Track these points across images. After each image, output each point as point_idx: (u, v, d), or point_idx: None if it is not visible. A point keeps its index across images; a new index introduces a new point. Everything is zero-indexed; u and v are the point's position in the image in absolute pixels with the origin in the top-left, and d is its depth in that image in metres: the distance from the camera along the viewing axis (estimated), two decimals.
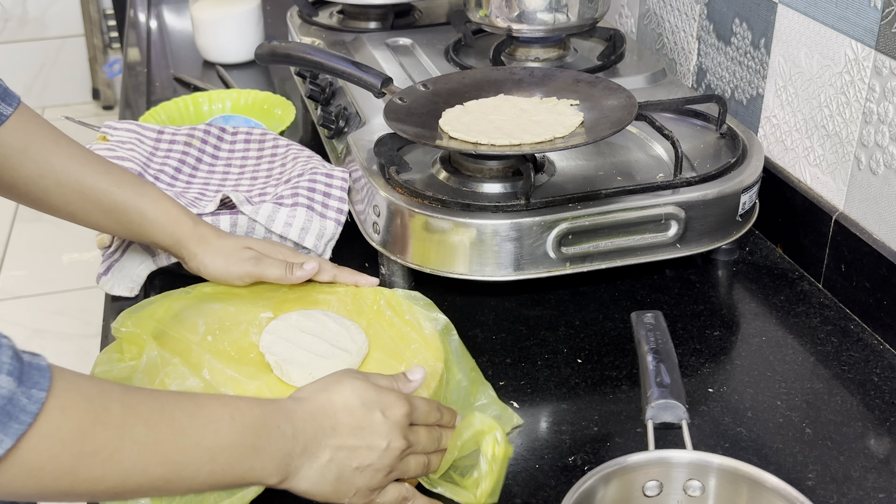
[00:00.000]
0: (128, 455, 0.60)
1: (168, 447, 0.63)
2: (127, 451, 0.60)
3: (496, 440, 0.80)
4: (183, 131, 1.31)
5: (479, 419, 0.81)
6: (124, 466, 0.60)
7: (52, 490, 0.59)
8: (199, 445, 0.64)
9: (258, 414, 0.69)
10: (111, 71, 3.80)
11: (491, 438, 0.80)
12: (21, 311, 2.74)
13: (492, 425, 0.80)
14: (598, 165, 1.14)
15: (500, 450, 0.80)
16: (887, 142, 1.03)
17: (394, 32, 1.53)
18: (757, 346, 1.03)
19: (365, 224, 1.13)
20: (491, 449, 0.79)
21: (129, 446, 0.60)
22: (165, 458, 0.62)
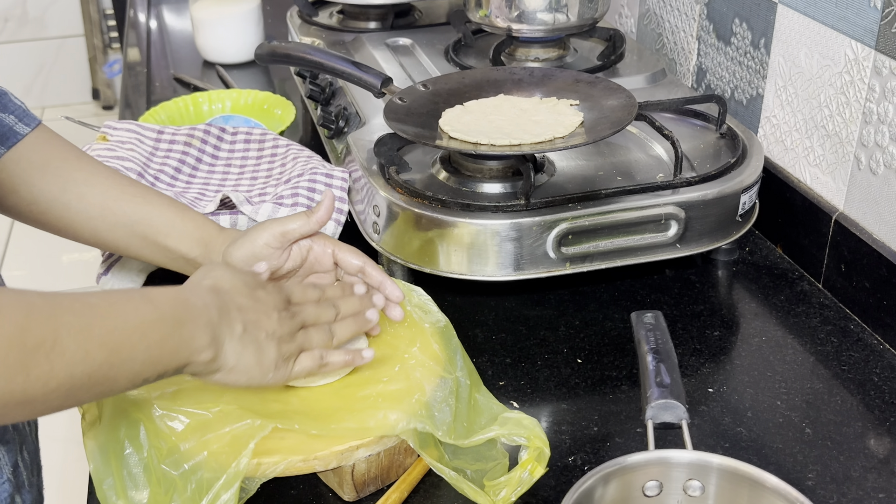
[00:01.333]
0: (67, 344, 0.63)
1: (99, 330, 0.66)
2: (64, 339, 0.63)
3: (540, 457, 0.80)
4: (183, 131, 1.31)
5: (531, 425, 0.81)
6: (67, 356, 0.63)
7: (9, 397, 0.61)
8: (127, 323, 0.68)
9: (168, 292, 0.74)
10: (111, 71, 3.80)
11: (536, 454, 0.80)
12: None
13: (543, 441, 0.80)
14: (598, 165, 1.14)
15: (539, 471, 0.80)
16: (887, 142, 1.03)
17: (394, 32, 1.53)
18: (757, 346, 1.03)
19: (365, 224, 1.13)
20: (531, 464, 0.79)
21: (65, 335, 0.63)
22: (101, 340, 0.65)
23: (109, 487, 0.79)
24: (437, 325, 0.94)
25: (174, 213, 0.93)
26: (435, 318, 0.95)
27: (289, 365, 0.80)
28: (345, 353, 0.84)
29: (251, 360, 0.76)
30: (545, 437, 0.81)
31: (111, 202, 0.91)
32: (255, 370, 0.77)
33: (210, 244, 0.92)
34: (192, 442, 0.79)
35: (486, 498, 0.79)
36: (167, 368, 0.71)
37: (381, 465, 0.84)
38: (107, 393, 0.68)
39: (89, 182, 0.91)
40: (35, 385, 0.62)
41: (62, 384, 0.63)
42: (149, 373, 0.70)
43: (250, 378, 0.77)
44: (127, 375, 0.68)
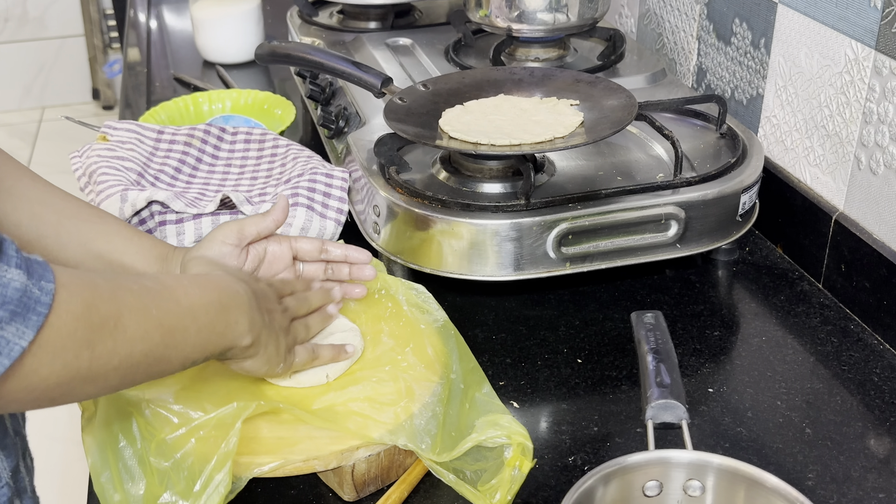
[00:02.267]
0: (128, 323, 0.66)
1: (156, 311, 0.69)
2: (126, 318, 0.66)
3: (524, 451, 0.80)
4: (183, 131, 1.31)
5: (509, 423, 0.81)
6: (128, 334, 0.66)
7: (75, 372, 0.63)
8: (179, 305, 0.72)
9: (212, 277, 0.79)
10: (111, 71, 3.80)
11: (519, 449, 0.80)
12: None
13: (523, 435, 0.80)
14: (598, 165, 1.14)
15: (527, 464, 0.80)
16: (887, 142, 1.03)
17: (394, 32, 1.53)
18: (757, 346, 1.03)
19: (365, 224, 1.13)
20: (517, 461, 0.79)
21: (126, 314, 0.66)
22: (158, 321, 0.69)
23: (107, 481, 0.79)
24: (435, 324, 0.94)
25: (129, 232, 0.91)
26: (433, 317, 0.95)
27: (290, 356, 0.84)
28: (333, 349, 0.88)
29: (273, 349, 0.81)
30: (524, 430, 0.81)
31: (65, 220, 0.89)
32: (276, 358, 0.82)
33: (167, 259, 0.91)
34: (179, 431, 0.79)
35: (484, 500, 0.79)
36: (213, 351, 0.75)
37: (381, 465, 0.84)
38: (160, 373, 0.71)
39: (43, 201, 0.89)
40: (99, 361, 0.64)
41: (123, 362, 0.66)
42: (198, 354, 0.74)
43: (270, 367, 0.82)
44: (179, 356, 0.72)
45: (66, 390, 0.63)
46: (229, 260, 0.90)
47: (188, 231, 1.11)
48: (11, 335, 0.57)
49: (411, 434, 0.81)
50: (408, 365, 0.89)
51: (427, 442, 0.80)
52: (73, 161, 1.23)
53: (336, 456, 0.80)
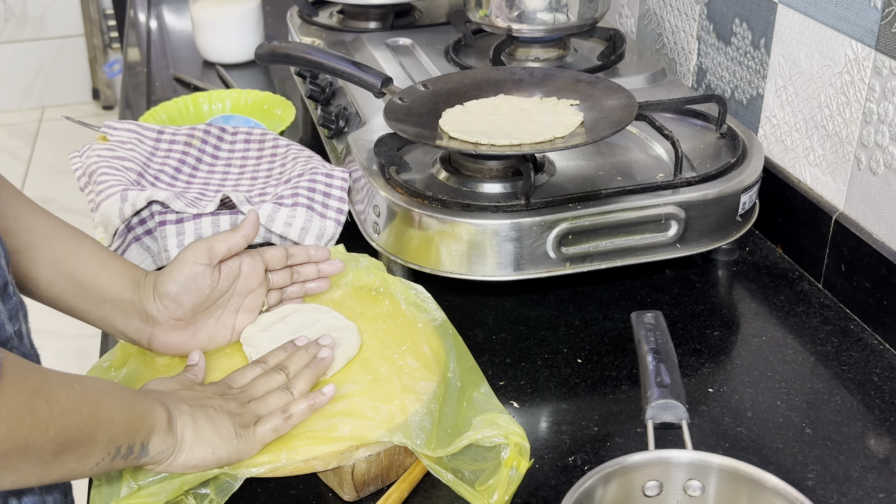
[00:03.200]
0: (59, 393, 0.67)
1: (79, 387, 0.69)
2: (55, 389, 0.66)
3: (521, 451, 0.80)
4: (183, 131, 1.31)
5: (506, 423, 0.81)
6: (61, 404, 0.66)
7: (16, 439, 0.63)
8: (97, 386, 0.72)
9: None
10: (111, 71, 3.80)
11: (516, 450, 0.80)
12: None
13: (520, 435, 0.80)
14: (598, 165, 1.14)
15: (524, 464, 0.80)
16: (887, 142, 1.03)
17: (394, 32, 1.53)
18: (757, 346, 1.03)
19: (365, 224, 1.13)
20: (515, 460, 0.79)
21: (55, 386, 0.67)
22: (84, 396, 0.69)
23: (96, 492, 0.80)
24: (433, 323, 0.94)
25: (104, 254, 0.90)
26: (431, 316, 0.95)
27: (250, 432, 0.80)
28: (306, 399, 0.83)
29: (208, 430, 0.77)
30: (521, 429, 0.81)
31: (40, 239, 0.87)
32: (217, 440, 0.78)
33: (140, 285, 0.89)
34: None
35: (482, 500, 0.79)
36: (136, 438, 0.73)
37: (381, 465, 0.84)
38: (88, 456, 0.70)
39: (18, 218, 0.87)
40: (38, 429, 0.64)
41: (58, 433, 0.66)
42: (122, 439, 0.72)
43: (216, 449, 0.77)
44: (106, 436, 0.70)
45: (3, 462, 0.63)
46: (201, 280, 0.89)
47: (188, 231, 1.11)
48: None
49: (406, 431, 0.81)
50: (404, 363, 0.89)
51: (422, 438, 0.80)
52: (73, 161, 1.23)
53: (336, 456, 0.80)
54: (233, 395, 0.82)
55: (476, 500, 0.79)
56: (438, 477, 0.80)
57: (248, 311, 0.94)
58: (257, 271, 0.93)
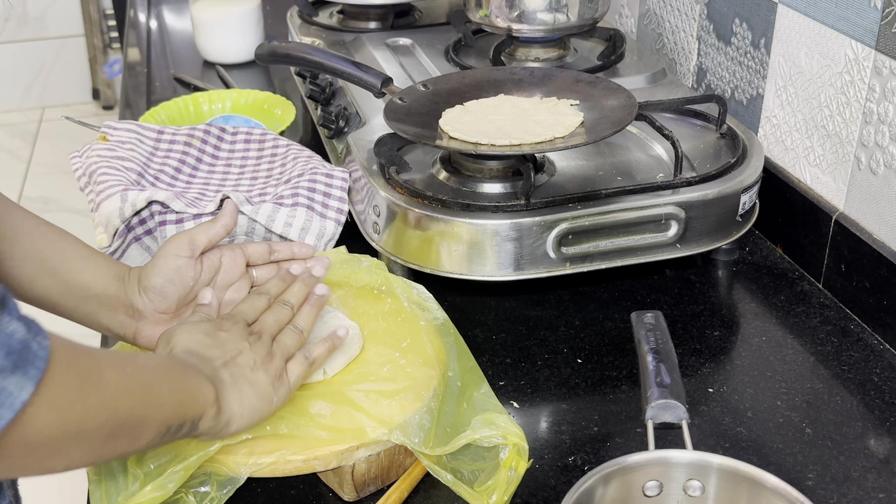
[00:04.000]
0: (110, 377, 0.66)
1: (131, 368, 0.69)
2: (106, 372, 0.66)
3: (520, 452, 0.80)
4: (183, 131, 1.31)
5: (505, 423, 0.81)
6: (112, 388, 0.66)
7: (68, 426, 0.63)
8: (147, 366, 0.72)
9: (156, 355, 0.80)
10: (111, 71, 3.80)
11: (515, 450, 0.80)
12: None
13: (518, 435, 0.80)
14: (598, 165, 1.14)
15: (522, 465, 0.80)
16: (887, 142, 1.03)
17: (394, 32, 1.53)
18: (757, 346, 1.03)
19: (365, 224, 1.13)
20: (513, 461, 0.79)
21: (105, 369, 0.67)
22: (135, 378, 0.69)
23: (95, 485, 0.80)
24: (434, 322, 0.94)
25: (86, 251, 0.90)
26: (433, 315, 0.95)
27: (283, 381, 0.81)
28: (325, 342, 0.86)
29: (252, 398, 0.79)
30: (520, 430, 0.81)
31: (22, 237, 0.87)
32: (261, 404, 0.79)
33: (124, 279, 0.89)
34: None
35: (481, 500, 0.79)
36: (186, 417, 0.73)
37: (381, 465, 0.84)
38: (139, 439, 0.70)
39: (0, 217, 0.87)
40: (89, 415, 0.64)
41: (109, 418, 0.66)
42: (173, 419, 0.72)
43: (261, 414, 0.79)
44: (157, 418, 0.70)
45: (56, 448, 0.63)
46: (185, 272, 0.89)
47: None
48: (14, 387, 0.57)
49: (405, 429, 0.81)
50: (406, 362, 0.89)
51: (420, 436, 0.80)
52: (73, 161, 1.23)
53: (336, 456, 0.80)
54: (256, 338, 0.82)
55: (475, 500, 0.79)
56: (437, 477, 0.80)
57: (230, 305, 0.93)
58: (238, 264, 0.93)
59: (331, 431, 0.82)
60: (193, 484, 0.79)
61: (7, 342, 0.57)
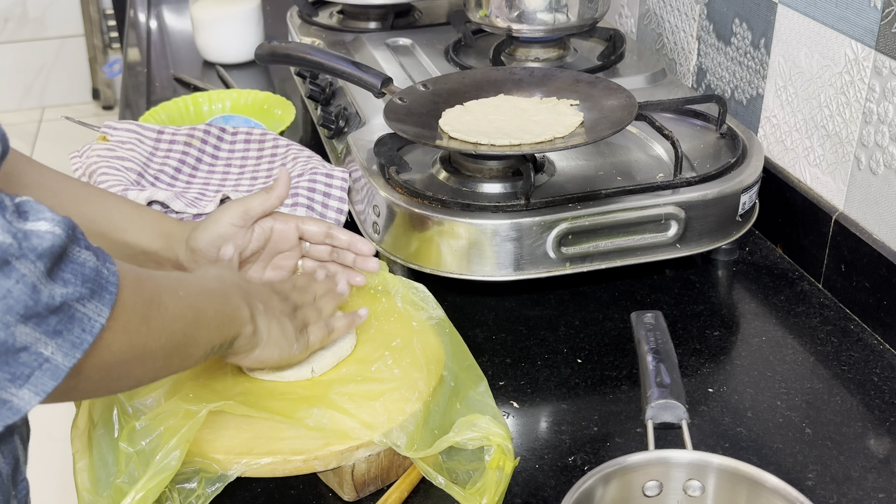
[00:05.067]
0: (167, 301, 0.69)
1: (183, 292, 0.72)
2: (164, 296, 0.69)
3: (505, 452, 0.79)
4: (183, 131, 1.31)
5: (487, 424, 0.80)
6: (170, 312, 0.69)
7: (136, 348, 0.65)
8: (195, 287, 0.75)
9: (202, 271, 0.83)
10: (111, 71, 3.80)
11: (499, 451, 0.79)
12: None
13: (501, 436, 0.80)
14: (598, 165, 1.14)
15: (509, 464, 0.80)
16: (887, 142, 1.03)
17: (394, 32, 1.53)
18: (757, 346, 1.03)
19: (365, 224, 1.13)
20: (498, 461, 0.79)
21: (164, 293, 0.69)
22: (187, 302, 0.72)
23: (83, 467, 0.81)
24: (430, 321, 0.94)
25: (130, 209, 0.93)
26: (428, 314, 0.95)
27: (304, 336, 0.85)
28: (346, 317, 0.89)
29: (278, 332, 0.82)
30: (504, 430, 0.81)
31: (66, 203, 0.90)
32: (284, 342, 0.83)
33: (171, 235, 0.92)
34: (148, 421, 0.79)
35: (473, 502, 0.79)
36: (226, 337, 0.77)
37: (381, 465, 0.84)
38: (190, 358, 0.73)
39: (41, 185, 0.89)
40: (153, 336, 0.66)
41: (168, 340, 0.68)
42: (217, 338, 0.75)
43: (281, 350, 0.83)
44: (205, 339, 0.74)
45: (125, 370, 0.66)
46: (234, 239, 0.91)
47: None
48: (92, 312, 0.60)
49: (388, 431, 0.80)
50: (393, 362, 0.89)
51: (403, 439, 0.80)
52: (73, 161, 1.23)
53: (336, 456, 0.80)
54: (283, 298, 0.86)
55: (467, 502, 0.79)
56: (430, 479, 0.80)
57: (277, 269, 0.97)
58: (289, 237, 0.95)
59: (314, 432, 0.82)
60: (179, 480, 0.78)
61: (81, 271, 0.59)
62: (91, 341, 0.59)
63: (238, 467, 0.78)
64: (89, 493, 0.79)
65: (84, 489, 0.79)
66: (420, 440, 0.81)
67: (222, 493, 0.83)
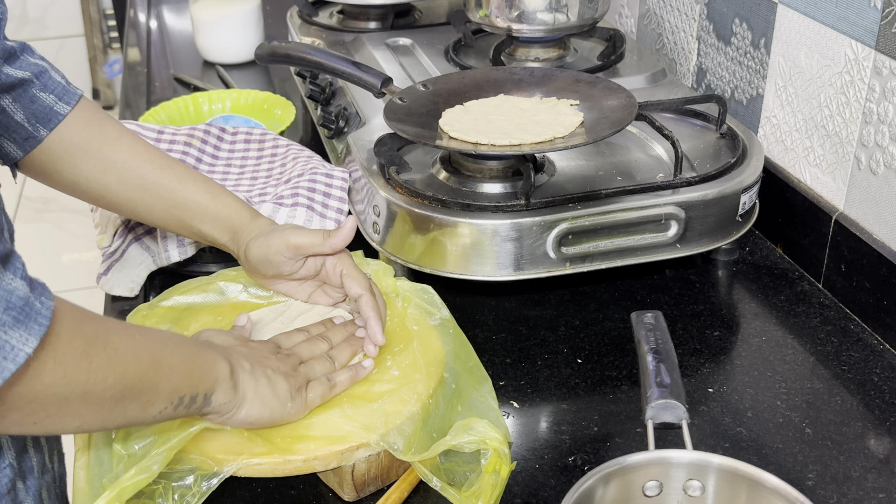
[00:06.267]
0: (118, 342, 0.68)
1: (140, 337, 0.71)
2: (114, 337, 0.68)
3: (501, 456, 0.79)
4: (183, 131, 1.31)
5: (483, 428, 0.80)
6: (120, 352, 0.67)
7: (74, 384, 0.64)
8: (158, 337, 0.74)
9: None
10: (111, 71, 3.80)
11: (495, 455, 0.79)
12: None
13: (498, 440, 0.79)
14: (598, 165, 1.14)
15: (505, 469, 0.79)
16: (887, 142, 1.03)
17: (394, 32, 1.53)
18: (757, 346, 1.03)
19: (365, 224, 1.13)
20: (495, 465, 0.79)
21: (114, 334, 0.68)
22: (143, 345, 0.70)
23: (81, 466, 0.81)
24: (432, 322, 0.94)
25: (209, 197, 0.96)
26: (432, 317, 0.95)
27: (302, 395, 0.83)
28: (348, 370, 0.87)
29: (267, 391, 0.80)
30: (500, 434, 0.80)
31: (149, 185, 0.94)
32: (274, 401, 0.80)
33: (238, 232, 0.95)
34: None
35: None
36: (199, 389, 0.75)
37: (381, 465, 0.84)
38: (150, 405, 0.71)
39: (128, 165, 0.94)
40: (96, 376, 0.65)
41: (118, 380, 0.67)
42: (185, 389, 0.73)
43: (272, 410, 0.80)
44: (168, 386, 0.72)
45: (64, 406, 0.65)
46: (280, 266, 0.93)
47: None
48: (16, 341, 0.59)
49: (385, 434, 0.80)
50: (392, 364, 0.89)
51: (400, 442, 0.80)
52: None
53: (336, 456, 0.80)
54: (284, 356, 0.86)
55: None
56: (426, 482, 0.80)
57: (323, 295, 0.97)
58: (334, 275, 0.95)
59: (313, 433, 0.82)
60: (175, 478, 0.78)
61: (7, 298, 0.59)
62: (13, 370, 0.59)
63: (233, 465, 0.78)
64: (84, 491, 0.79)
65: (79, 487, 0.79)
66: (418, 443, 0.81)
67: (222, 493, 0.83)
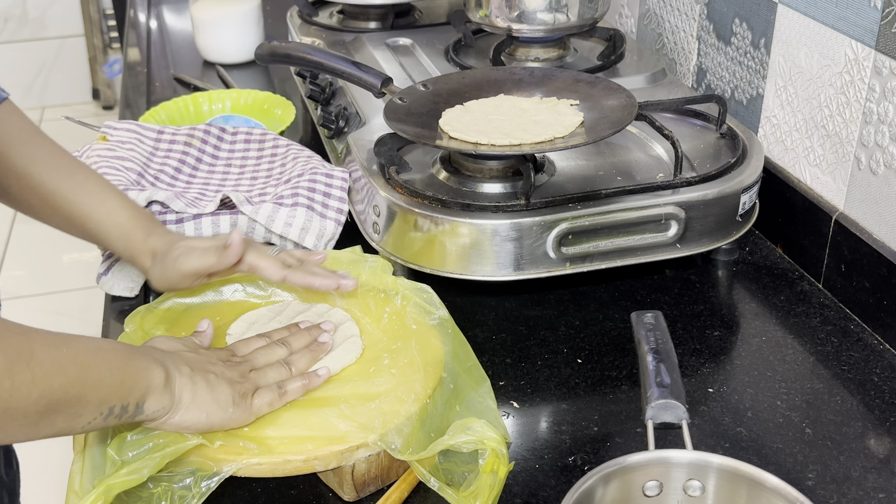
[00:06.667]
0: (42, 356, 0.67)
1: (67, 349, 0.70)
2: (39, 352, 0.67)
3: (499, 456, 0.79)
4: (183, 131, 1.31)
5: (481, 428, 0.80)
6: (44, 367, 0.67)
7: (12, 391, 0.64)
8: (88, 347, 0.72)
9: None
10: (111, 71, 3.80)
11: (493, 455, 0.79)
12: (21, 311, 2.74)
13: (496, 440, 0.79)
14: (598, 165, 1.14)
15: (503, 469, 0.79)
16: (887, 142, 1.03)
17: (394, 32, 1.53)
18: (757, 346, 1.03)
19: (365, 224, 1.13)
20: (493, 465, 0.79)
21: (39, 348, 0.67)
22: (70, 357, 0.70)
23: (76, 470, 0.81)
24: (431, 322, 0.94)
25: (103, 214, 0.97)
26: (430, 316, 0.95)
27: (247, 401, 0.82)
28: (301, 378, 0.86)
29: (206, 395, 0.79)
30: (498, 434, 0.80)
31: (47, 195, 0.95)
32: (213, 406, 0.80)
33: (135, 256, 0.97)
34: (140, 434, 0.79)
35: None
36: (130, 398, 0.74)
37: (381, 465, 0.84)
38: (79, 416, 0.71)
39: (29, 172, 0.95)
40: (19, 392, 0.65)
41: (42, 395, 0.67)
42: (115, 400, 0.73)
43: (209, 415, 0.79)
44: (97, 397, 0.71)
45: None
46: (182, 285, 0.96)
47: (188, 231, 1.11)
48: None
49: (384, 433, 0.80)
50: (389, 363, 0.89)
51: (398, 442, 0.80)
52: None
53: (336, 456, 0.80)
54: (235, 364, 0.85)
55: None
56: (424, 481, 0.79)
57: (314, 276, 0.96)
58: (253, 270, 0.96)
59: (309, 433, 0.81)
60: (175, 479, 0.78)
61: None
62: None
63: (233, 465, 0.78)
64: (76, 494, 0.79)
65: (73, 489, 0.79)
66: (416, 443, 0.81)
67: (222, 493, 0.83)
